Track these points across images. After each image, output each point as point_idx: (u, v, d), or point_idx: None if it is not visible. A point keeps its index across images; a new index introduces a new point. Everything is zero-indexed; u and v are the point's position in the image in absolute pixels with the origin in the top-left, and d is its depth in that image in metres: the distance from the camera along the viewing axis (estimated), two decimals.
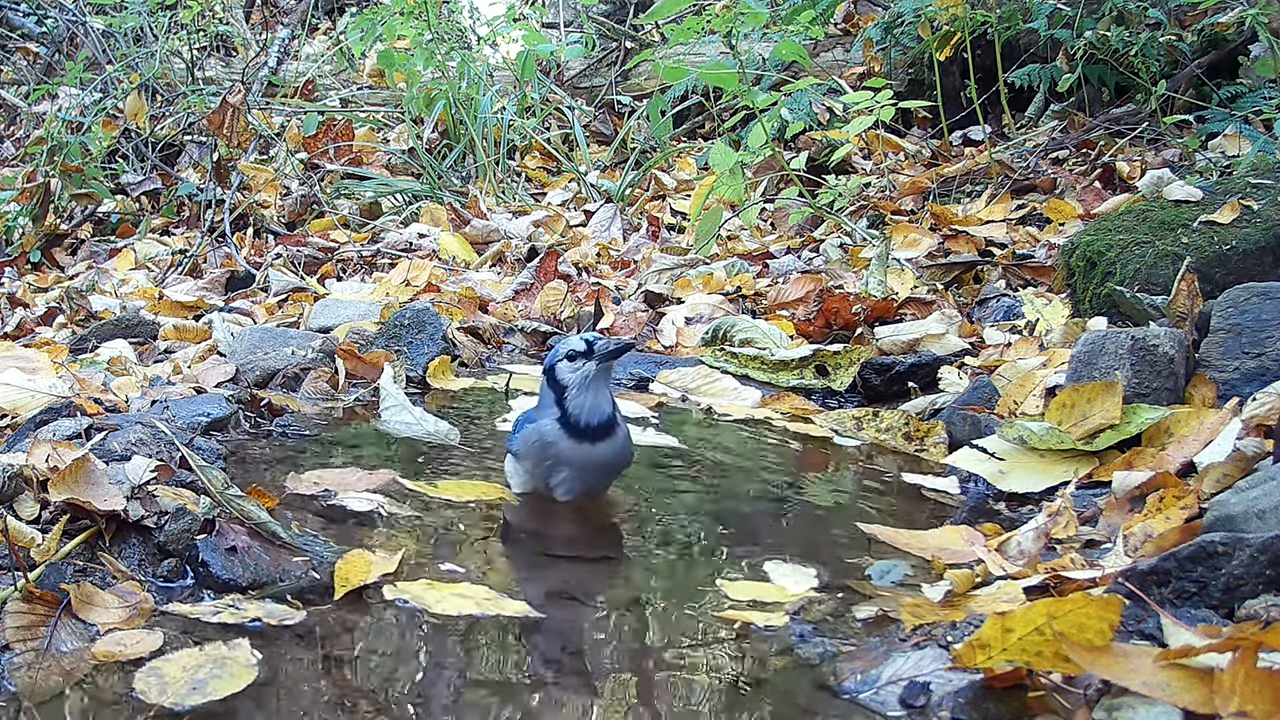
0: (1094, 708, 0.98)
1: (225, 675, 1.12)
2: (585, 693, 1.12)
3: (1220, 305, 1.78)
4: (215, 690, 1.10)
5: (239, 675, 1.12)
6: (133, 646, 1.18)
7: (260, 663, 1.14)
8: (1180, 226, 2.25)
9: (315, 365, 2.23)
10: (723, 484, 1.74)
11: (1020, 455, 1.69)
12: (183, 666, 1.13)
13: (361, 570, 1.34)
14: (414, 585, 1.31)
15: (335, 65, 5.93)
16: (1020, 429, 1.68)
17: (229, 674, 1.12)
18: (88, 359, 2.53)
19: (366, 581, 1.32)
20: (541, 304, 2.86)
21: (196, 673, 1.12)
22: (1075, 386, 1.67)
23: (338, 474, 1.68)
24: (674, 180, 4.23)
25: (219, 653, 1.16)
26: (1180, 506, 1.36)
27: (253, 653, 1.16)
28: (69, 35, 6.09)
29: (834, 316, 2.46)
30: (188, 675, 1.11)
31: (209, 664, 1.14)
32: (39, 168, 4.40)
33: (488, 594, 1.30)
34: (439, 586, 1.31)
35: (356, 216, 4.19)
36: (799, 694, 1.11)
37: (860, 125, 3.32)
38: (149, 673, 1.12)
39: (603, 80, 5.34)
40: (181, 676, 1.11)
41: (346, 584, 1.31)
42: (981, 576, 1.31)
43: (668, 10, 3.23)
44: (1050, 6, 3.57)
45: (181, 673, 1.12)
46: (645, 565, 1.44)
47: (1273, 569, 1.11)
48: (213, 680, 1.11)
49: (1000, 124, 3.86)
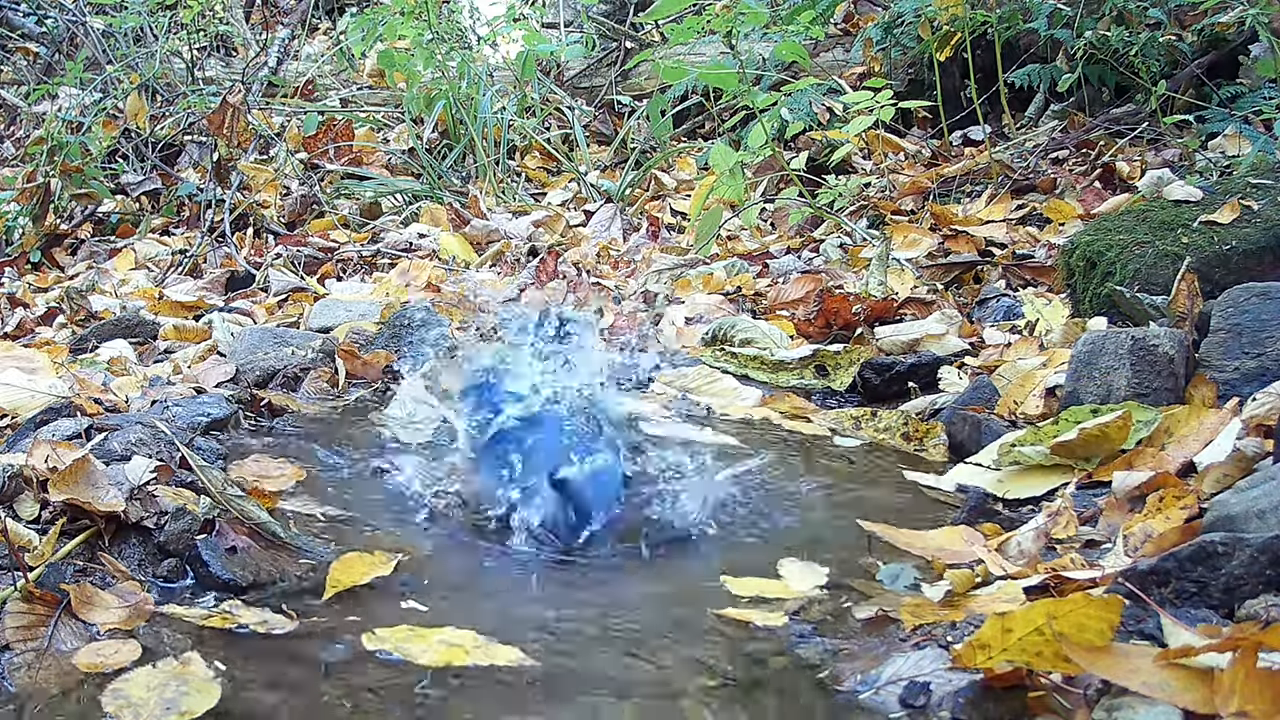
0: (1094, 708, 0.98)
1: (193, 692, 1.09)
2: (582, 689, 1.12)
3: (1220, 305, 1.78)
4: (189, 707, 1.07)
5: (205, 691, 1.10)
6: (112, 657, 1.17)
7: (222, 676, 1.12)
8: (1180, 226, 2.25)
9: (315, 365, 2.23)
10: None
11: (1017, 470, 1.68)
12: (147, 686, 1.11)
13: (357, 572, 1.34)
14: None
15: (335, 65, 5.93)
16: (1016, 454, 1.67)
17: (195, 690, 1.10)
18: (88, 359, 2.53)
19: (359, 584, 1.32)
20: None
21: (164, 691, 1.09)
22: (1083, 433, 1.63)
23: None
24: (674, 180, 4.22)
25: (175, 669, 1.13)
26: (1180, 506, 1.36)
27: (208, 666, 1.14)
28: (69, 35, 6.09)
29: (834, 316, 2.46)
30: (156, 695, 1.09)
31: (173, 681, 1.11)
32: (39, 168, 4.39)
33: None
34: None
35: (356, 216, 4.19)
36: (799, 694, 1.11)
37: (860, 125, 3.32)
38: (114, 695, 1.09)
39: (603, 80, 5.34)
40: (150, 696, 1.09)
41: (338, 585, 1.31)
42: (981, 576, 1.31)
43: (667, 10, 3.23)
44: (1050, 6, 3.57)
45: (148, 692, 1.09)
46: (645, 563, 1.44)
47: (1273, 569, 1.11)
48: (183, 698, 1.08)
49: (1000, 124, 3.86)
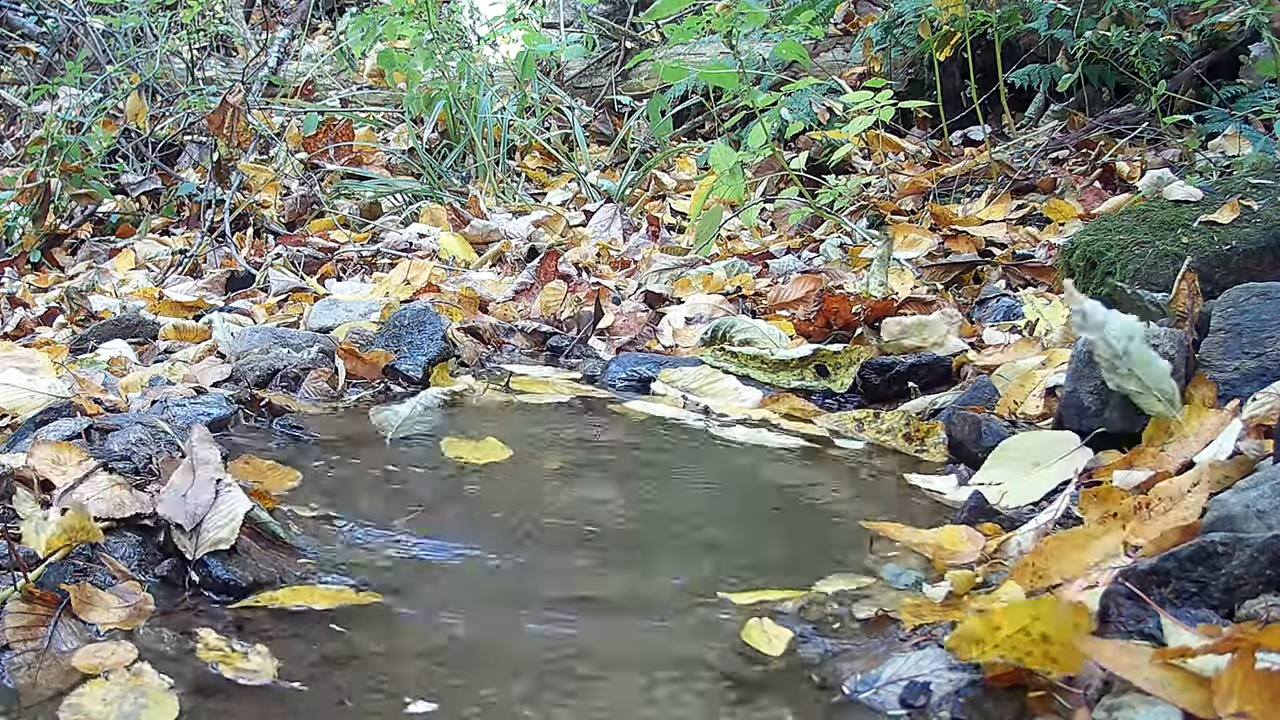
0: (1094, 708, 0.99)
1: (151, 704, 1.08)
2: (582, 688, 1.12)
3: (1220, 305, 1.78)
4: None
5: (162, 703, 1.08)
6: (110, 659, 1.16)
7: (171, 689, 1.11)
8: (1180, 226, 2.25)
9: (315, 365, 2.24)
10: (722, 482, 1.75)
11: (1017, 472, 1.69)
12: (102, 699, 1.09)
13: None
14: None
15: (335, 65, 5.93)
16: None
17: (153, 701, 1.08)
18: (88, 359, 2.53)
19: None
20: (541, 304, 2.86)
21: (121, 705, 1.08)
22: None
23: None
24: (674, 180, 4.22)
25: (129, 681, 1.12)
26: (1180, 506, 1.36)
27: (160, 678, 1.12)
28: (69, 35, 6.09)
29: (834, 316, 2.46)
30: (114, 709, 1.07)
31: (130, 694, 1.09)
32: (39, 168, 4.39)
33: None
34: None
35: (356, 216, 4.19)
36: (799, 694, 1.11)
37: (860, 125, 3.32)
38: (71, 710, 1.08)
39: (603, 80, 5.34)
40: (108, 711, 1.07)
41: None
42: (981, 576, 1.31)
43: (668, 10, 3.23)
44: (1050, 6, 3.57)
45: (105, 706, 1.08)
46: (644, 561, 1.44)
47: (1273, 569, 1.11)
48: (142, 711, 1.07)
49: (1000, 124, 3.86)
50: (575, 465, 1.83)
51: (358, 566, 1.40)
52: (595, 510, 1.62)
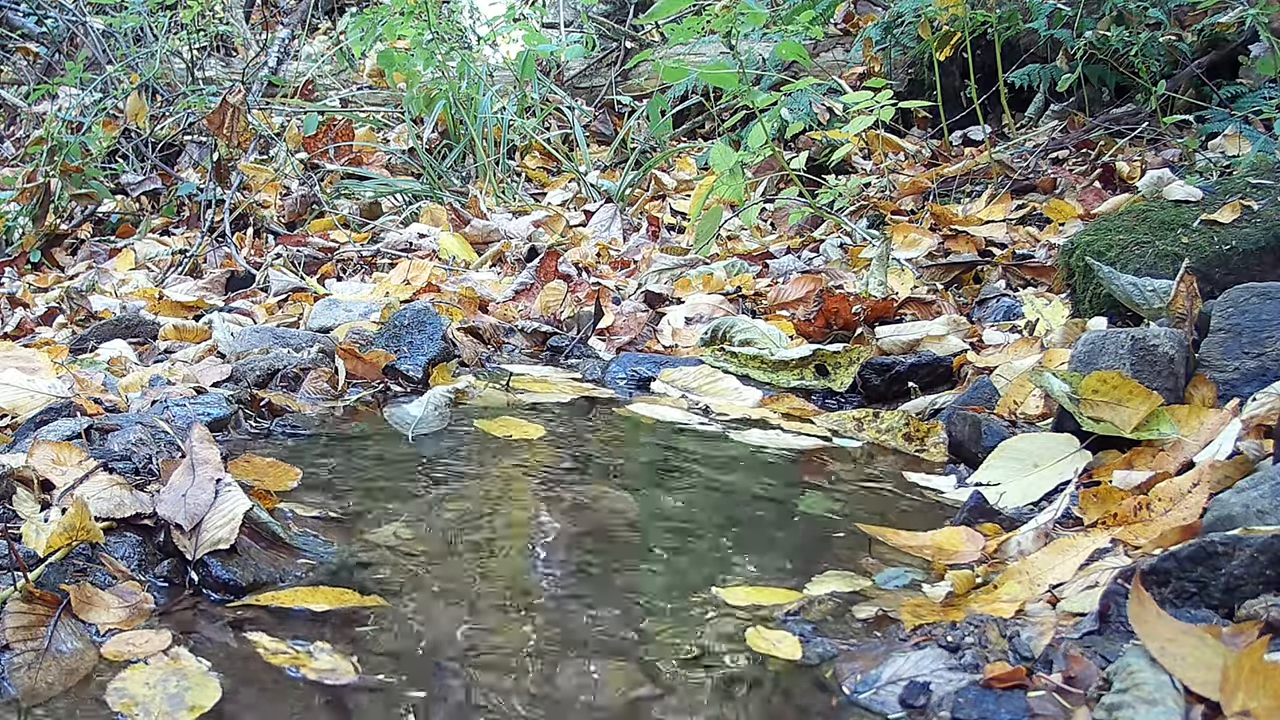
0: (1094, 708, 0.99)
1: (194, 686, 1.10)
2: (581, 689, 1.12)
3: (1220, 305, 1.78)
4: (196, 701, 1.07)
5: (205, 685, 1.10)
6: (142, 645, 1.18)
7: (211, 670, 1.13)
8: (1180, 226, 2.25)
9: (315, 365, 2.23)
10: (723, 482, 1.75)
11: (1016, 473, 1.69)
12: (145, 683, 1.11)
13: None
14: None
15: (335, 65, 5.93)
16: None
17: (195, 684, 1.10)
18: (88, 359, 2.53)
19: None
20: (541, 304, 2.86)
21: (165, 687, 1.10)
22: (1101, 375, 1.66)
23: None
24: (674, 180, 4.22)
25: (168, 665, 1.14)
26: (1180, 506, 1.36)
27: (199, 660, 1.15)
28: (69, 35, 6.09)
29: (834, 316, 2.46)
30: (159, 691, 1.09)
31: (171, 676, 1.12)
32: (39, 168, 4.39)
33: None
34: None
35: (356, 216, 4.19)
36: (799, 694, 1.11)
37: (860, 125, 3.32)
38: (118, 694, 1.09)
39: (603, 80, 5.34)
40: (153, 694, 1.09)
41: None
42: (981, 576, 1.31)
43: (668, 10, 3.23)
44: (1050, 6, 3.57)
45: (149, 690, 1.10)
46: (644, 559, 1.44)
47: (1273, 569, 1.11)
48: (186, 693, 1.09)
49: (1000, 124, 3.86)
50: (575, 465, 1.83)
51: (361, 566, 1.40)
52: (595, 510, 1.62)
